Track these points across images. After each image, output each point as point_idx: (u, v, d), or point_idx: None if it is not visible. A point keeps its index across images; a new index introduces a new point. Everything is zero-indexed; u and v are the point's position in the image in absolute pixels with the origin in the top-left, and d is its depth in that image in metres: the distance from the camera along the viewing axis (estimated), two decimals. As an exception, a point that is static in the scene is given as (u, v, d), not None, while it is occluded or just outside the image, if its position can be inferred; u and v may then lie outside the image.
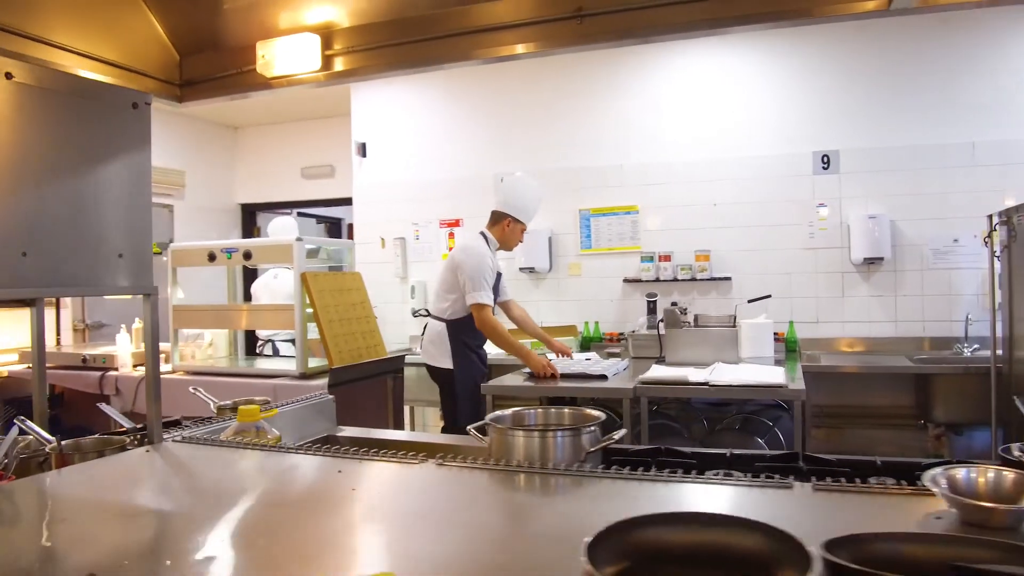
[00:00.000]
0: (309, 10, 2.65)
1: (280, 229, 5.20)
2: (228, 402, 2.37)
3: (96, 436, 1.82)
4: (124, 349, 4.25)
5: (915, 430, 4.25)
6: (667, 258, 4.94)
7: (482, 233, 3.97)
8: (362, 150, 5.91)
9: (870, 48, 4.56)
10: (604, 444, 1.58)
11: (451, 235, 5.61)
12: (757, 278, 4.84)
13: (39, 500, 1.46)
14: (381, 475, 1.55)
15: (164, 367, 4.20)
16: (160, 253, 4.39)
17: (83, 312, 5.56)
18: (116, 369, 4.17)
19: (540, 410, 1.74)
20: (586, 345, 5.03)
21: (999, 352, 3.63)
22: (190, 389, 2.53)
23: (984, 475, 1.16)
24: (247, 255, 3.91)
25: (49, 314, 4.97)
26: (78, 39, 2.55)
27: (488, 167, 5.49)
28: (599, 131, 5.21)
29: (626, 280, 5.08)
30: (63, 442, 1.73)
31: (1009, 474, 1.15)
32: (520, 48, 2.43)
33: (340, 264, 4.18)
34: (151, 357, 1.80)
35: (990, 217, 3.51)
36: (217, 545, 1.19)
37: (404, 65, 2.65)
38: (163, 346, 4.39)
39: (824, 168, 4.72)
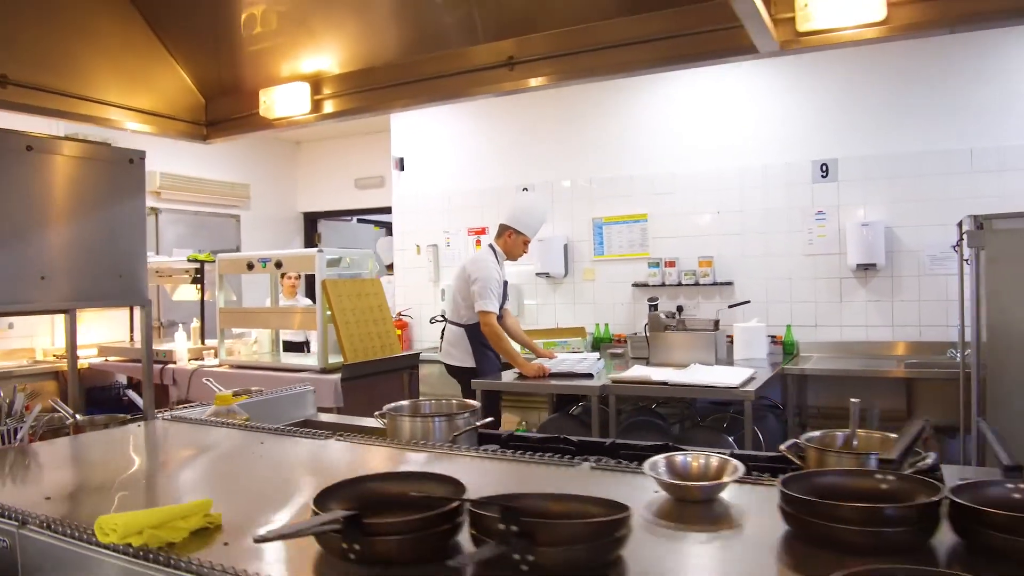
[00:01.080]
0: (301, 62, 3.15)
1: (385, 246, 6.67)
2: (229, 391, 2.89)
3: (107, 414, 2.36)
4: (181, 345, 4.92)
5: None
6: (672, 264, 5.21)
7: (491, 246, 4.40)
8: (400, 164, 6.44)
9: (867, 58, 4.67)
10: (472, 428, 1.97)
11: (477, 242, 6.04)
12: (759, 283, 5.03)
13: (50, 453, 1.99)
14: (290, 447, 2.00)
15: (212, 360, 4.84)
16: (212, 261, 5.05)
17: (159, 312, 6.34)
18: (174, 362, 4.84)
19: (434, 401, 2.15)
20: (596, 346, 5.35)
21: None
22: (203, 380, 3.08)
23: (697, 460, 1.48)
24: (278, 264, 4.48)
25: (124, 315, 5.74)
26: (121, 95, 3.15)
27: (511, 179, 5.90)
28: (612, 144, 5.51)
29: (635, 285, 5.38)
30: (80, 417, 2.28)
31: (715, 459, 1.46)
32: (475, 91, 2.84)
33: (359, 272, 4.69)
34: (146, 354, 2.33)
35: (959, 224, 3.61)
36: (132, 479, 1.69)
37: (375, 109, 3.13)
38: (212, 343, 5.05)
39: (823, 176, 4.86)
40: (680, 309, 4.91)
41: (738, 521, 1.32)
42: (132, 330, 5.71)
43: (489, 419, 2.00)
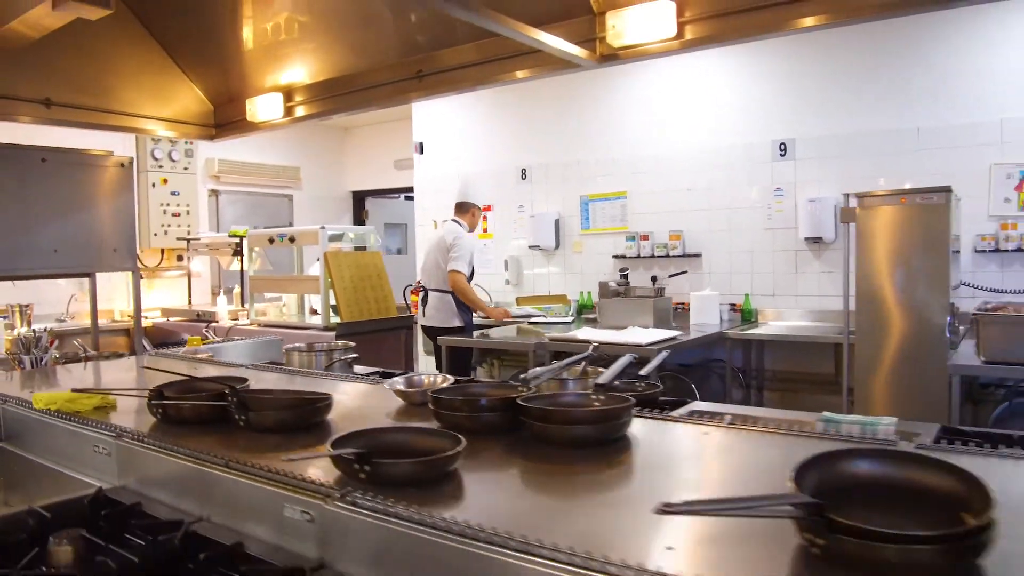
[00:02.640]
0: (276, 75, 3.89)
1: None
2: (219, 338, 3.71)
3: (111, 351, 3.21)
4: (222, 307, 5.88)
5: (837, 394, 4.73)
6: (646, 237, 5.69)
7: (456, 221, 5.08)
8: (420, 148, 7.16)
9: (823, 42, 4.95)
10: (341, 360, 2.67)
11: (485, 218, 6.69)
12: (723, 255, 5.45)
13: (61, 371, 2.84)
14: (212, 369, 2.76)
15: (244, 320, 5.77)
16: (244, 236, 5.96)
17: (219, 279, 7.39)
18: (216, 321, 5.80)
19: (326, 344, 2.85)
20: (580, 311, 5.92)
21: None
22: (203, 330, 3.93)
23: (429, 378, 2.11)
24: (292, 239, 5.31)
25: (183, 283, 6.79)
26: (146, 108, 4.00)
27: (511, 161, 6.50)
28: (598, 129, 6.01)
29: (615, 256, 5.89)
30: (91, 351, 3.13)
31: (439, 378, 2.09)
32: (389, 101, 3.51)
33: (364, 245, 5.44)
34: (136, 308, 3.16)
35: (846, 195, 3.92)
36: (101, 382, 2.48)
37: (331, 112, 3.83)
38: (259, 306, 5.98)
39: (782, 155, 5.20)
40: (655, 279, 5.42)
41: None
42: (190, 295, 6.75)
43: (353, 355, 2.70)
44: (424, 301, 5.30)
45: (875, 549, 0.78)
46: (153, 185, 6.72)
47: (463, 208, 5.10)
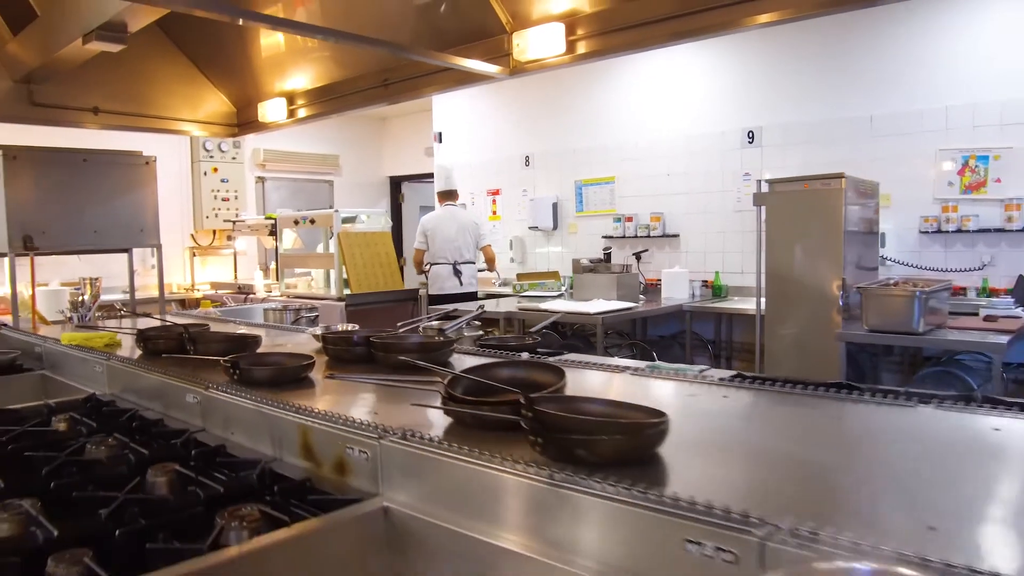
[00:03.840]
0: (282, 81, 4.61)
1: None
2: (234, 304, 4.50)
3: (143, 312, 4.02)
4: (258, 281, 6.74)
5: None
6: (631, 219, 6.19)
7: (463, 205, 5.77)
8: (439, 138, 7.83)
9: (790, 38, 5.31)
10: (303, 317, 3.37)
11: (494, 201, 7.33)
12: (698, 236, 5.91)
13: (99, 324, 3.65)
14: (219, 326, 3.50)
15: (276, 292, 6.61)
16: (276, 219, 6.78)
17: (264, 257, 8.30)
18: (253, 293, 6.66)
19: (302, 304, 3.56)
20: (572, 286, 6.49)
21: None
22: (224, 298, 4.72)
23: (344, 327, 2.76)
24: (312, 220, 6.09)
25: (230, 260, 7.71)
26: (178, 111, 4.79)
27: (516, 149, 7.09)
28: (591, 119, 6.53)
29: (604, 236, 6.42)
30: (126, 310, 3.95)
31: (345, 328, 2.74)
32: (374, 103, 4.17)
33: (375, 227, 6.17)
34: (159, 278, 3.94)
35: (759, 182, 4.34)
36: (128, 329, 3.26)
37: (324, 115, 4.52)
38: (290, 280, 6.82)
39: (750, 143, 5.60)
40: (638, 257, 5.95)
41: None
42: (235, 271, 7.67)
43: (315, 314, 3.39)
44: (457, 272, 5.98)
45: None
46: (205, 174, 7.64)
47: (455, 195, 5.76)
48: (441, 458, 1.19)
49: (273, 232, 6.98)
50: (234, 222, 7.60)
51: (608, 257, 6.03)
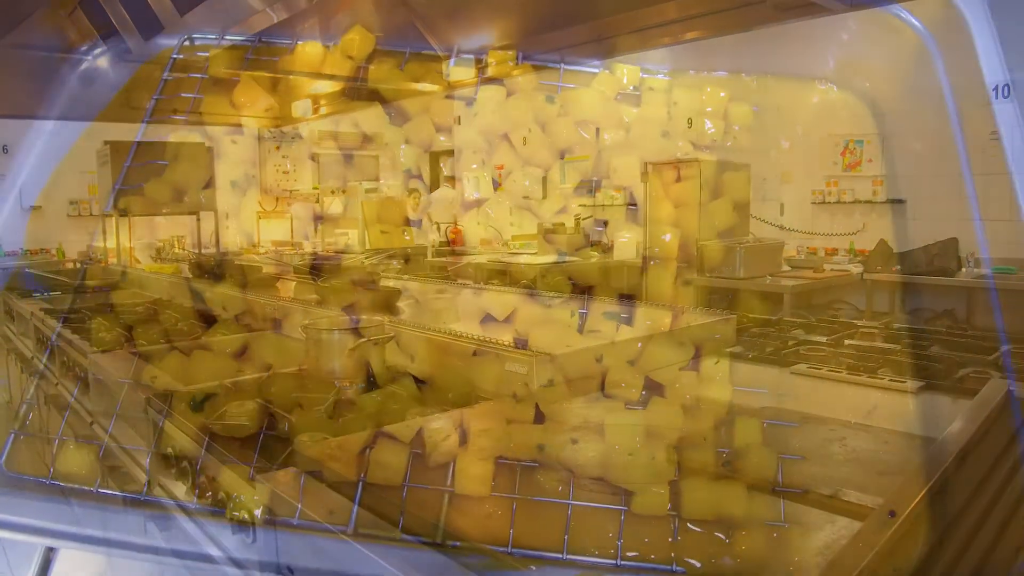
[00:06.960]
0: (308, 89, 6.13)
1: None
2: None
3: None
4: (307, 239, 8.41)
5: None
6: (599, 190, 7.44)
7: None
8: (458, 120, 9.23)
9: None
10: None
11: (499, 175, 8.70)
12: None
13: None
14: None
15: (319, 249, 8.25)
16: (318, 189, 8.40)
17: (314, 220, 9.98)
18: (303, 248, 8.31)
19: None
20: (554, 247, 7.82)
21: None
22: (260, 249, 6.36)
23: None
24: (343, 191, 7.65)
25: (287, 223, 9.45)
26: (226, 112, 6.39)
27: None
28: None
29: (580, 206, 7.70)
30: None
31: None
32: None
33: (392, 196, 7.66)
34: (216, 239, 5.57)
35: (645, 163, 5.52)
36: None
37: (338, 113, 6.01)
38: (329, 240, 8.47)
39: (690, 128, 6.73)
40: (605, 223, 7.24)
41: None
42: (292, 231, 9.42)
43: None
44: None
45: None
46: (269, 152, 9.35)
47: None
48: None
49: (318, 200, 8.64)
50: (290, 191, 9.31)
51: (578, 223, 7.32)
